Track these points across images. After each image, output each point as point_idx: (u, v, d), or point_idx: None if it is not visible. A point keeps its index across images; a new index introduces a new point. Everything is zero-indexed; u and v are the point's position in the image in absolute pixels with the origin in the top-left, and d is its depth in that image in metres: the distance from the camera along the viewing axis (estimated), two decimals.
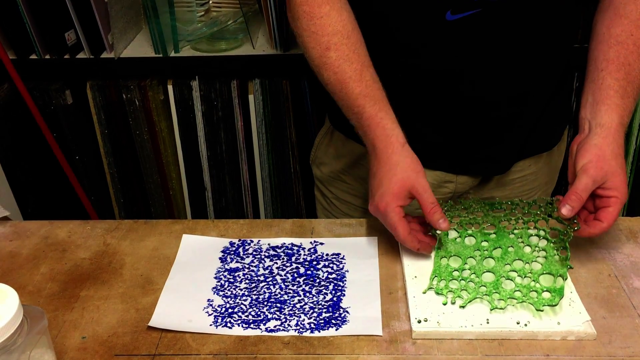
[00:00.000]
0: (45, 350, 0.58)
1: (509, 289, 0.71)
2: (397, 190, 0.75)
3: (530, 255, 0.75)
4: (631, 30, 0.77)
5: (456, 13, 0.77)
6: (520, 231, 0.78)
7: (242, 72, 1.53)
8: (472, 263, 0.75)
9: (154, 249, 0.82)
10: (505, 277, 0.73)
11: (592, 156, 0.74)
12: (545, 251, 0.75)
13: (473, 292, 0.71)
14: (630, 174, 1.63)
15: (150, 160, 1.65)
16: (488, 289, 0.72)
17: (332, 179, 1.03)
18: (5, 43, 1.48)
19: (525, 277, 0.73)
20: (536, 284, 0.71)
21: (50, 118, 1.56)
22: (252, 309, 0.72)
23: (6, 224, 0.88)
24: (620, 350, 0.65)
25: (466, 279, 0.73)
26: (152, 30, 1.47)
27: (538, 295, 0.70)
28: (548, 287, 0.71)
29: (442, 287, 0.72)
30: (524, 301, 0.70)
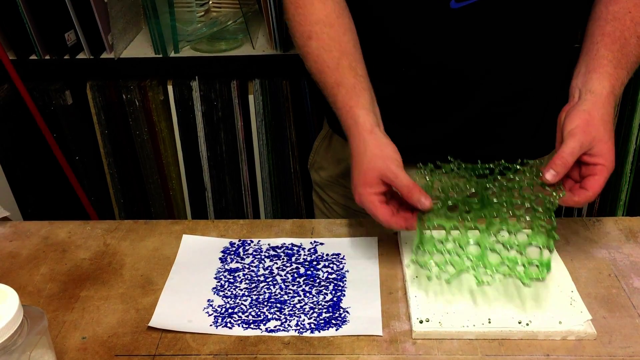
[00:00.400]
0: (46, 351, 0.58)
1: (495, 262, 0.69)
2: (368, 179, 0.73)
3: (516, 226, 0.73)
4: (629, 8, 0.77)
5: (461, 1, 0.76)
6: (505, 199, 0.75)
7: (242, 73, 1.53)
8: (455, 234, 0.73)
9: (154, 249, 0.82)
10: (491, 249, 0.71)
11: (580, 121, 0.72)
12: (531, 221, 0.73)
13: (458, 265, 0.69)
14: (630, 174, 1.63)
15: (150, 160, 1.65)
16: (474, 262, 0.69)
17: (331, 183, 1.03)
18: (5, 43, 1.48)
19: (511, 249, 0.71)
20: (523, 257, 0.70)
21: (50, 118, 1.56)
22: (252, 309, 0.72)
23: (6, 225, 0.88)
24: (621, 350, 0.65)
25: (451, 252, 0.71)
26: (152, 31, 1.47)
27: (525, 269, 0.69)
28: (535, 259, 0.69)
29: (427, 259, 0.70)
30: (510, 275, 0.68)
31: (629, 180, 1.63)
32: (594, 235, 0.83)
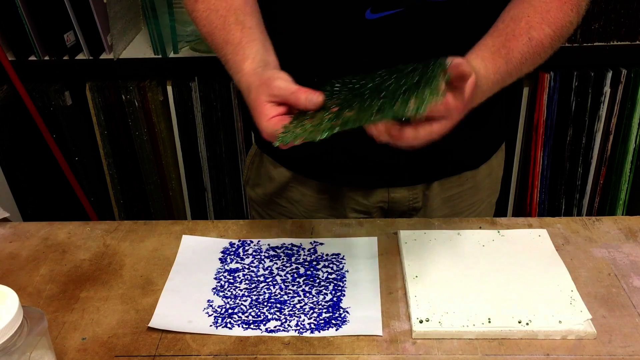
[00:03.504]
0: (46, 352, 0.58)
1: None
2: (263, 110, 0.65)
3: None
4: (528, 12, 0.75)
5: (377, 12, 0.73)
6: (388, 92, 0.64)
7: None
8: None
9: (153, 250, 0.82)
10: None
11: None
12: None
13: (318, 121, 0.61)
14: (629, 173, 1.63)
15: (149, 161, 1.65)
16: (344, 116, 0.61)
17: (266, 201, 0.99)
18: (4, 44, 1.48)
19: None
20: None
21: (50, 119, 1.56)
22: (252, 310, 0.72)
23: (6, 226, 0.88)
24: (621, 349, 0.66)
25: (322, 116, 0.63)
26: (151, 31, 1.47)
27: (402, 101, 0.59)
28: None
29: (289, 130, 0.62)
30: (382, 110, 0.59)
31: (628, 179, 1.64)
32: (594, 234, 0.83)
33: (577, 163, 1.62)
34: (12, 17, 1.44)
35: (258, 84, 0.68)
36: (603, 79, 1.50)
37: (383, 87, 0.64)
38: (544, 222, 0.85)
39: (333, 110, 0.63)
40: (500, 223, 0.85)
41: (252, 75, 0.70)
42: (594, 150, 1.60)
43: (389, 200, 0.91)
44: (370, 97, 0.63)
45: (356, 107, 0.62)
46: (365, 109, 0.61)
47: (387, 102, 0.60)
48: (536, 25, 0.75)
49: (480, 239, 0.81)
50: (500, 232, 0.82)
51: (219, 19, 0.75)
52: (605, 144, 1.60)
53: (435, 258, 0.78)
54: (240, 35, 0.74)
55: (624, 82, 1.51)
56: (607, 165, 1.63)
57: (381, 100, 0.61)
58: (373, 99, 0.62)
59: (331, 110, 0.63)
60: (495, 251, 0.79)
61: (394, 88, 0.63)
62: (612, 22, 1.45)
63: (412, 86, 0.61)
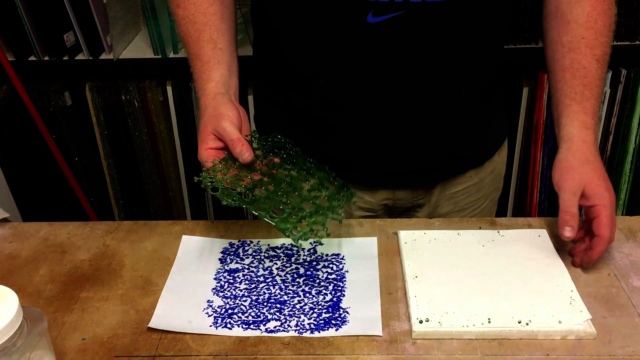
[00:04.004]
0: (45, 352, 0.58)
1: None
2: (203, 136, 0.75)
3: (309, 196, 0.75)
4: (582, 34, 0.77)
5: (378, 15, 0.74)
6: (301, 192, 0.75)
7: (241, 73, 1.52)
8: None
9: (153, 250, 0.82)
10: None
11: (560, 171, 0.75)
12: None
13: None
14: (629, 173, 1.63)
15: (149, 161, 1.65)
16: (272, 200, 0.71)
17: None
18: (4, 45, 1.48)
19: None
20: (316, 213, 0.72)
21: (50, 119, 1.56)
22: (252, 310, 0.72)
23: (5, 226, 0.88)
24: (620, 349, 0.65)
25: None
26: (151, 32, 1.47)
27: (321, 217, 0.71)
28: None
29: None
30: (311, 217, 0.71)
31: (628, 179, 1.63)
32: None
33: None
34: (12, 17, 1.44)
35: (211, 114, 0.75)
36: None
37: (297, 187, 0.75)
38: (544, 222, 0.85)
39: (253, 176, 0.74)
40: (500, 223, 0.85)
41: (211, 100, 0.77)
42: None
43: (394, 198, 0.92)
44: (283, 192, 0.74)
45: (265, 193, 0.73)
46: (270, 199, 0.72)
47: (284, 214, 0.71)
48: (594, 43, 0.78)
49: (480, 239, 0.81)
50: (500, 232, 0.82)
51: (195, 32, 0.79)
52: (605, 144, 1.59)
53: (435, 258, 0.78)
54: (211, 54, 0.79)
55: (624, 82, 1.51)
56: (606, 165, 1.63)
57: (288, 202, 0.72)
58: (282, 196, 0.73)
59: (253, 175, 0.74)
60: (495, 251, 0.79)
61: (303, 197, 0.74)
62: None
63: (312, 212, 0.72)
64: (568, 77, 0.78)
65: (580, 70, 0.77)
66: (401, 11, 0.74)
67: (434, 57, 0.78)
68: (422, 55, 0.77)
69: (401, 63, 0.78)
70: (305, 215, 0.71)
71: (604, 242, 0.73)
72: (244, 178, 0.73)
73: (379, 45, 0.76)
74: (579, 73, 0.77)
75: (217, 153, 0.75)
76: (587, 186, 0.73)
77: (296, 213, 0.71)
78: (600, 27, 0.78)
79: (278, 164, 0.77)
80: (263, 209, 0.70)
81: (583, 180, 0.74)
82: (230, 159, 0.75)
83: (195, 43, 0.79)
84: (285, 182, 0.75)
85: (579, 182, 0.74)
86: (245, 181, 0.73)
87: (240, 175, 0.74)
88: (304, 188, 0.75)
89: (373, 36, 0.76)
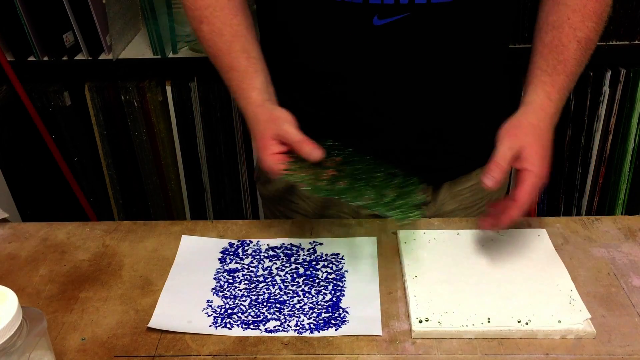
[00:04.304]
0: (45, 352, 0.58)
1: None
2: (264, 143, 0.74)
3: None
4: (567, 15, 0.77)
5: (384, 18, 0.74)
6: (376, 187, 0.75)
7: None
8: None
9: (153, 250, 0.82)
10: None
11: (508, 125, 0.74)
12: None
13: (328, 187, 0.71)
14: (629, 173, 1.63)
15: (149, 161, 1.65)
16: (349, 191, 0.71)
17: (278, 198, 1.00)
18: (3, 45, 1.48)
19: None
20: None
21: (49, 120, 1.56)
22: (252, 310, 0.72)
23: (5, 226, 0.88)
24: (620, 348, 0.66)
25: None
26: (150, 32, 1.47)
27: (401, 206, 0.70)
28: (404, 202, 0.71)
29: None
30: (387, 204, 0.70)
31: (627, 179, 1.64)
32: (593, 234, 0.83)
33: (576, 163, 1.62)
34: (11, 17, 1.44)
35: (267, 119, 0.75)
36: (602, 79, 1.50)
37: (371, 177, 0.76)
38: (543, 222, 0.85)
39: (329, 173, 0.74)
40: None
41: (259, 107, 0.76)
42: (593, 150, 1.60)
43: None
44: (362, 181, 0.74)
45: (347, 183, 0.73)
46: (355, 189, 0.72)
47: (375, 196, 0.71)
48: (579, 25, 0.77)
49: (480, 239, 0.81)
50: (499, 232, 0.82)
51: (225, 43, 0.78)
52: (605, 143, 1.60)
53: (435, 258, 0.78)
54: (247, 63, 0.78)
55: (623, 82, 1.51)
56: (606, 164, 1.63)
57: (369, 191, 0.72)
58: (362, 184, 0.73)
59: (327, 172, 0.74)
60: (495, 251, 0.79)
61: (381, 185, 0.74)
62: (611, 21, 1.45)
63: (397, 197, 0.73)
64: (545, 52, 0.77)
65: (559, 47, 0.77)
66: (406, 13, 0.74)
67: (440, 58, 0.78)
68: (428, 56, 0.78)
69: (407, 64, 0.78)
70: (392, 199, 0.71)
71: (518, 208, 0.70)
72: (322, 174, 0.73)
73: (385, 47, 0.77)
74: (556, 49, 0.77)
75: (283, 158, 0.73)
76: (525, 148, 0.72)
77: (382, 199, 0.71)
78: (588, 12, 0.77)
79: (342, 161, 0.77)
80: (353, 198, 0.70)
81: (524, 141, 0.72)
82: (300, 161, 0.73)
83: (227, 55, 0.78)
84: (357, 175, 0.75)
85: (520, 141, 0.72)
86: (325, 176, 0.73)
87: (317, 172, 0.73)
88: (377, 178, 0.75)
89: (379, 38, 0.76)
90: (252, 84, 0.78)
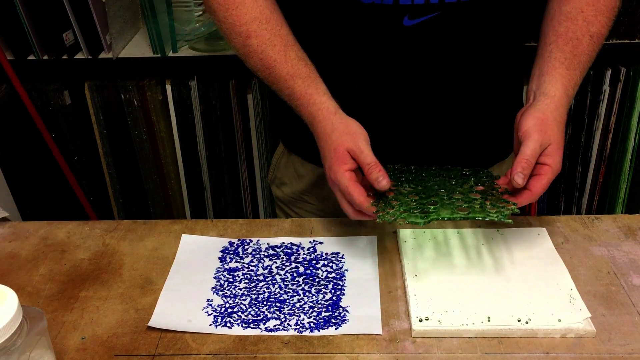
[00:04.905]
0: (45, 351, 0.58)
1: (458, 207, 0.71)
2: (340, 155, 0.72)
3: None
4: (581, 7, 0.77)
5: (414, 18, 0.75)
6: (462, 197, 0.74)
7: (241, 72, 1.53)
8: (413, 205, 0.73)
9: (153, 249, 0.82)
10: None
11: (536, 120, 0.73)
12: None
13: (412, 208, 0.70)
14: (629, 172, 1.63)
15: (149, 160, 1.65)
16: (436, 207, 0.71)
17: (294, 199, 1.00)
18: (2, 44, 1.48)
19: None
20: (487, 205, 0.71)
21: (49, 119, 1.56)
22: (252, 309, 0.72)
23: (5, 225, 0.88)
24: (620, 347, 0.66)
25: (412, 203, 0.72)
26: (150, 30, 1.47)
27: (495, 208, 0.69)
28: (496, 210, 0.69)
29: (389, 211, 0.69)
30: (480, 211, 0.69)
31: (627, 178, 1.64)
32: (593, 233, 0.83)
33: (576, 161, 1.62)
34: (11, 16, 1.43)
35: (343, 130, 0.74)
36: (602, 78, 1.50)
37: (450, 187, 0.76)
38: (543, 220, 0.85)
39: (413, 197, 0.73)
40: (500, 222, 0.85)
41: (334, 115, 0.75)
42: (593, 149, 1.60)
43: None
44: (444, 193, 0.74)
45: (439, 201, 0.72)
46: (446, 205, 0.71)
47: (468, 204, 0.71)
48: (592, 19, 0.77)
49: (480, 238, 0.81)
50: (499, 231, 0.82)
51: (279, 53, 0.78)
52: (605, 142, 1.60)
53: (435, 257, 0.78)
54: (307, 70, 0.78)
55: (623, 81, 1.51)
56: (606, 163, 1.63)
57: (458, 200, 0.72)
58: (446, 195, 0.73)
59: (411, 197, 0.73)
60: (495, 250, 0.79)
61: (464, 190, 0.75)
62: None
63: (485, 197, 0.72)
64: (561, 42, 0.77)
65: (574, 40, 0.77)
66: (437, 12, 0.74)
67: (470, 55, 0.79)
68: (458, 54, 0.79)
69: (438, 63, 0.79)
70: (483, 201, 0.71)
71: (531, 198, 0.71)
72: (409, 202, 0.72)
73: (415, 47, 0.77)
74: (571, 42, 0.77)
75: (353, 175, 0.72)
76: (551, 145, 0.72)
77: (475, 203, 0.71)
78: (601, 6, 0.77)
79: (417, 180, 0.79)
80: (451, 213, 0.69)
81: (552, 138, 0.72)
82: (381, 198, 0.73)
83: (285, 63, 0.77)
84: (438, 190, 0.75)
85: (548, 138, 0.72)
86: (412, 204, 0.71)
87: (402, 201, 0.72)
88: (455, 186, 0.76)
89: (410, 39, 0.76)
90: (320, 89, 0.77)
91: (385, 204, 0.71)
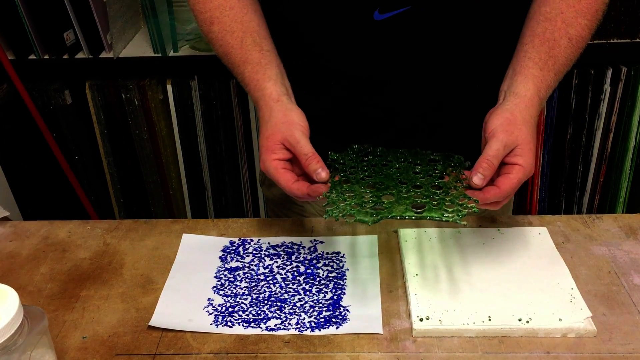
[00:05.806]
0: (46, 351, 0.58)
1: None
2: (270, 145, 0.71)
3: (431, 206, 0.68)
4: (561, 8, 0.75)
5: (385, 12, 0.74)
6: (424, 183, 0.71)
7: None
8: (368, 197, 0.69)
9: (154, 249, 0.82)
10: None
11: (503, 120, 0.71)
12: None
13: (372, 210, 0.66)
14: (630, 171, 1.63)
15: (149, 159, 1.66)
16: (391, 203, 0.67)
17: (283, 200, 0.99)
18: (4, 43, 1.48)
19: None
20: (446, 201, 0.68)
21: (50, 118, 1.56)
22: (253, 308, 0.72)
23: (6, 225, 0.88)
24: (621, 347, 0.66)
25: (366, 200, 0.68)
26: (151, 30, 1.47)
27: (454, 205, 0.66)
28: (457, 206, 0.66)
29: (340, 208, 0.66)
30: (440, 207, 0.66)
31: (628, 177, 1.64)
32: (594, 232, 0.83)
33: (577, 161, 1.62)
34: (12, 16, 1.44)
35: (280, 119, 0.72)
36: (603, 77, 1.50)
37: (413, 176, 0.72)
38: (544, 220, 0.85)
39: (369, 188, 0.70)
40: (501, 221, 0.85)
41: (275, 102, 0.74)
42: (594, 148, 1.60)
43: None
44: (405, 184, 0.71)
45: (395, 194, 0.69)
46: (404, 199, 0.68)
47: (428, 202, 0.67)
48: (572, 21, 0.75)
49: (481, 237, 0.81)
50: (500, 230, 0.82)
51: (235, 39, 0.78)
52: (606, 141, 1.59)
53: (436, 256, 0.78)
54: (259, 55, 0.77)
55: (624, 80, 1.51)
56: (607, 163, 1.63)
57: (417, 194, 0.69)
58: (406, 188, 0.70)
59: (366, 187, 0.70)
60: (496, 249, 0.79)
61: (426, 181, 0.71)
62: (612, 19, 1.44)
63: (445, 191, 0.69)
64: (537, 42, 0.75)
65: (551, 41, 0.75)
66: (407, 7, 0.74)
67: (441, 51, 0.78)
68: (429, 49, 0.77)
69: (409, 58, 0.78)
70: (442, 197, 0.68)
71: (498, 195, 0.68)
72: (363, 194, 0.69)
73: (386, 42, 0.76)
74: (548, 43, 0.75)
75: (284, 164, 0.71)
76: (519, 145, 0.70)
77: (434, 199, 0.68)
78: (582, 9, 0.75)
79: (379, 165, 0.75)
80: (404, 211, 0.66)
81: (519, 139, 0.70)
82: (335, 188, 0.69)
83: (239, 49, 0.77)
84: (398, 178, 0.72)
85: (515, 138, 0.70)
86: (366, 197, 0.68)
87: (357, 192, 0.69)
88: (417, 176, 0.72)
89: (380, 33, 0.76)
90: (267, 74, 0.76)
91: (338, 194, 0.68)
